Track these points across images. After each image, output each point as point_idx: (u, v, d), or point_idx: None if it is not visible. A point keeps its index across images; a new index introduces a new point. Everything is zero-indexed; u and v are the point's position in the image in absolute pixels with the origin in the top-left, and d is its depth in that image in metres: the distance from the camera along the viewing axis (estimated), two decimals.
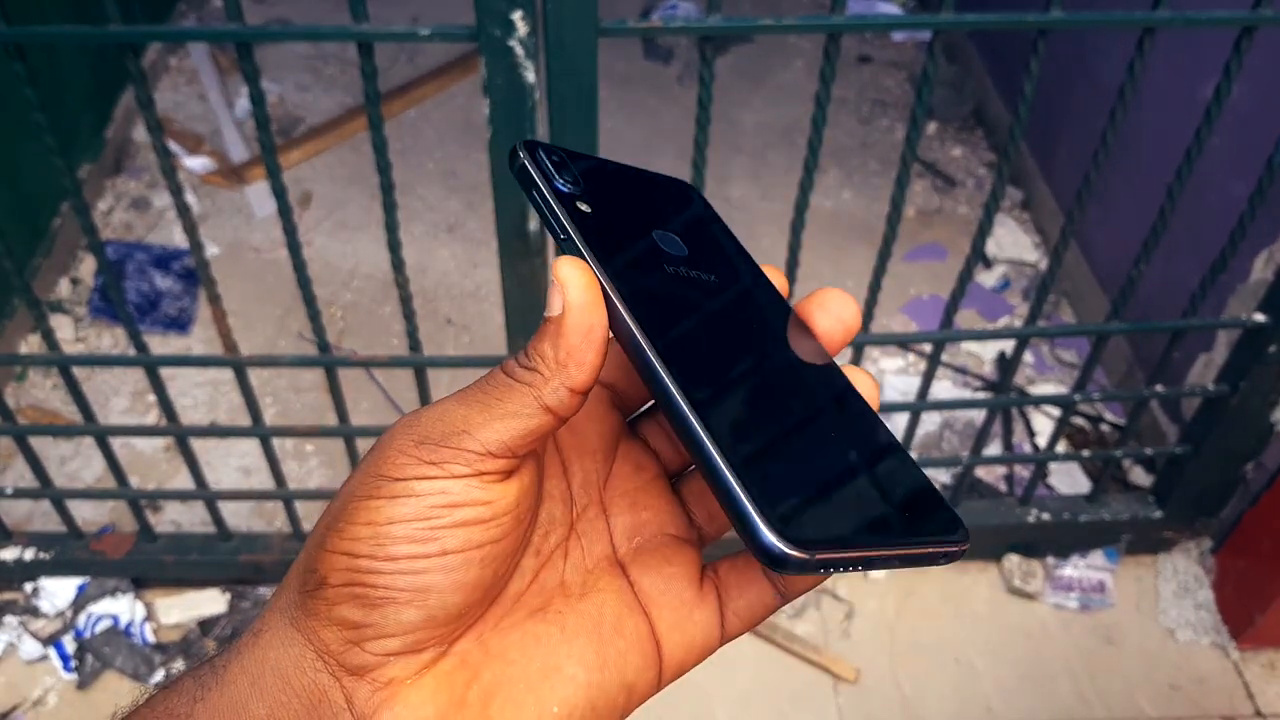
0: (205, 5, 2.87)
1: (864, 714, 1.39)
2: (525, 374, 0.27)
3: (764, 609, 0.31)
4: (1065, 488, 1.67)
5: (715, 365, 0.29)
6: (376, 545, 0.26)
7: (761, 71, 2.70)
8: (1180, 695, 1.42)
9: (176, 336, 1.93)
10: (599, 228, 0.31)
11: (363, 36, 0.85)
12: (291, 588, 0.28)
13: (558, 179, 0.31)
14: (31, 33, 0.87)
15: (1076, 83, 2.02)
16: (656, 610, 0.31)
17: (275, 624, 0.28)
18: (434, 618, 0.27)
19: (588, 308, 0.27)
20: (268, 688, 0.27)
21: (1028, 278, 2.09)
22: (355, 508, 0.27)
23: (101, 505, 1.60)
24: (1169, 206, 1.06)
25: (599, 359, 0.27)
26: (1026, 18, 0.90)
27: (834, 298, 0.32)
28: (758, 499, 0.25)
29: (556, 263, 0.28)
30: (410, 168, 2.32)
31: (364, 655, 0.27)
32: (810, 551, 0.25)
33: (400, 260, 1.05)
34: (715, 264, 0.33)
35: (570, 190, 0.31)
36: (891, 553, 0.27)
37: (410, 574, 0.26)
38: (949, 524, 0.29)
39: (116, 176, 2.26)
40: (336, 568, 0.26)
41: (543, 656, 0.29)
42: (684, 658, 0.31)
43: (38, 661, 1.41)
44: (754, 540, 0.25)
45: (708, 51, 0.89)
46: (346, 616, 0.26)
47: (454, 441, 0.27)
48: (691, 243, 0.33)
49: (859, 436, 0.30)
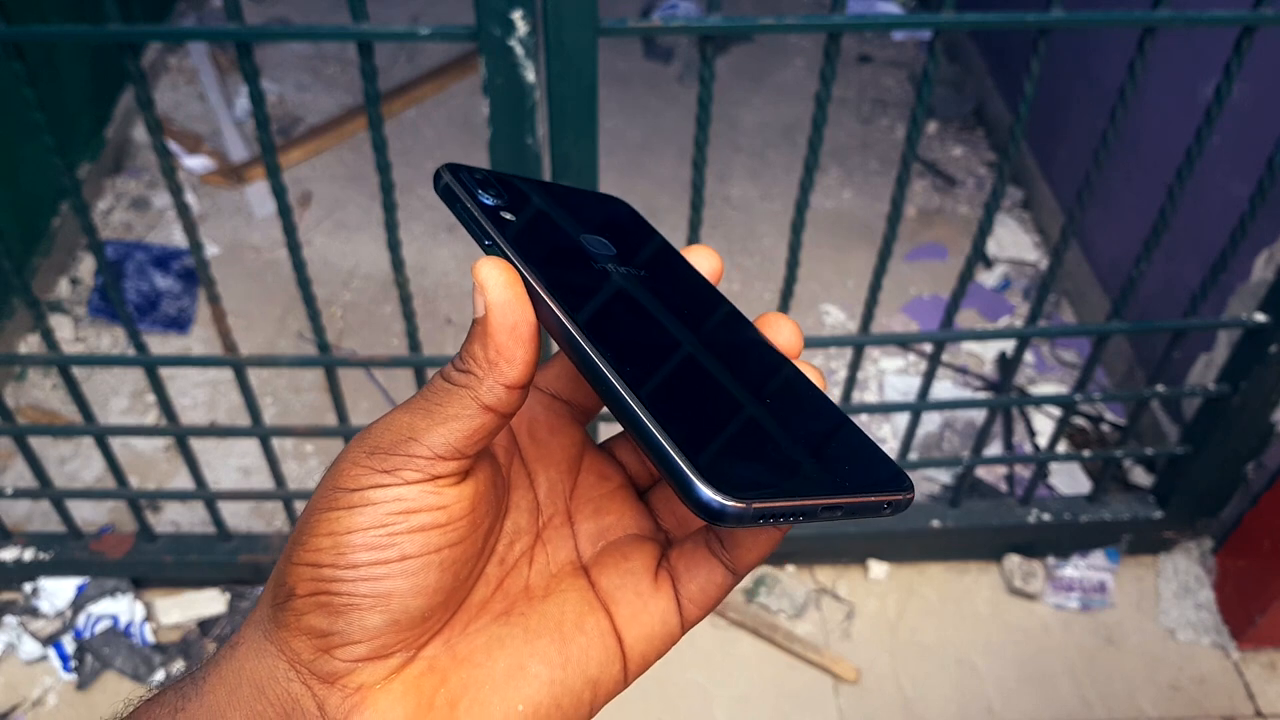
0: (205, 5, 2.87)
1: (864, 714, 1.39)
2: (461, 376, 0.28)
3: (717, 588, 0.31)
4: (1066, 488, 1.67)
5: (644, 342, 0.29)
6: (338, 554, 0.27)
7: (762, 71, 2.70)
8: (1181, 695, 1.42)
9: (176, 336, 1.93)
10: (523, 232, 0.31)
11: (362, 36, 0.85)
12: (265, 602, 0.29)
13: (481, 193, 0.32)
14: (31, 32, 0.86)
15: (1077, 82, 2.02)
16: (615, 605, 0.31)
17: (250, 637, 0.29)
18: (397, 622, 0.27)
19: (509, 305, 0.28)
20: (244, 698, 0.28)
21: (1028, 277, 2.09)
22: (316, 520, 0.28)
23: (101, 505, 1.60)
24: (1170, 206, 1.06)
25: (530, 353, 0.28)
26: (1027, 17, 0.90)
27: (772, 322, 0.33)
28: (691, 455, 0.25)
29: (476, 265, 0.28)
30: (410, 167, 2.32)
31: (333, 663, 0.27)
32: (746, 501, 0.25)
33: (400, 260, 1.05)
34: (644, 260, 0.34)
35: (494, 203, 0.32)
36: (832, 501, 0.27)
37: (372, 580, 0.27)
38: (893, 477, 0.29)
39: (116, 176, 2.25)
40: (303, 579, 0.27)
41: (507, 657, 0.29)
42: (645, 649, 0.31)
43: (37, 662, 1.41)
44: (689, 494, 0.25)
45: (708, 51, 0.89)
46: (314, 625, 0.27)
47: (403, 449, 0.27)
48: (619, 243, 0.34)
49: (795, 400, 0.30)
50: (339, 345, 1.92)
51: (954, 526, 1.47)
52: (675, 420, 0.26)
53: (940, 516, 1.48)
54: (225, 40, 0.87)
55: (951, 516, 1.48)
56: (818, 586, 1.52)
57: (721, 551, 0.31)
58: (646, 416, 0.26)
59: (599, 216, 0.35)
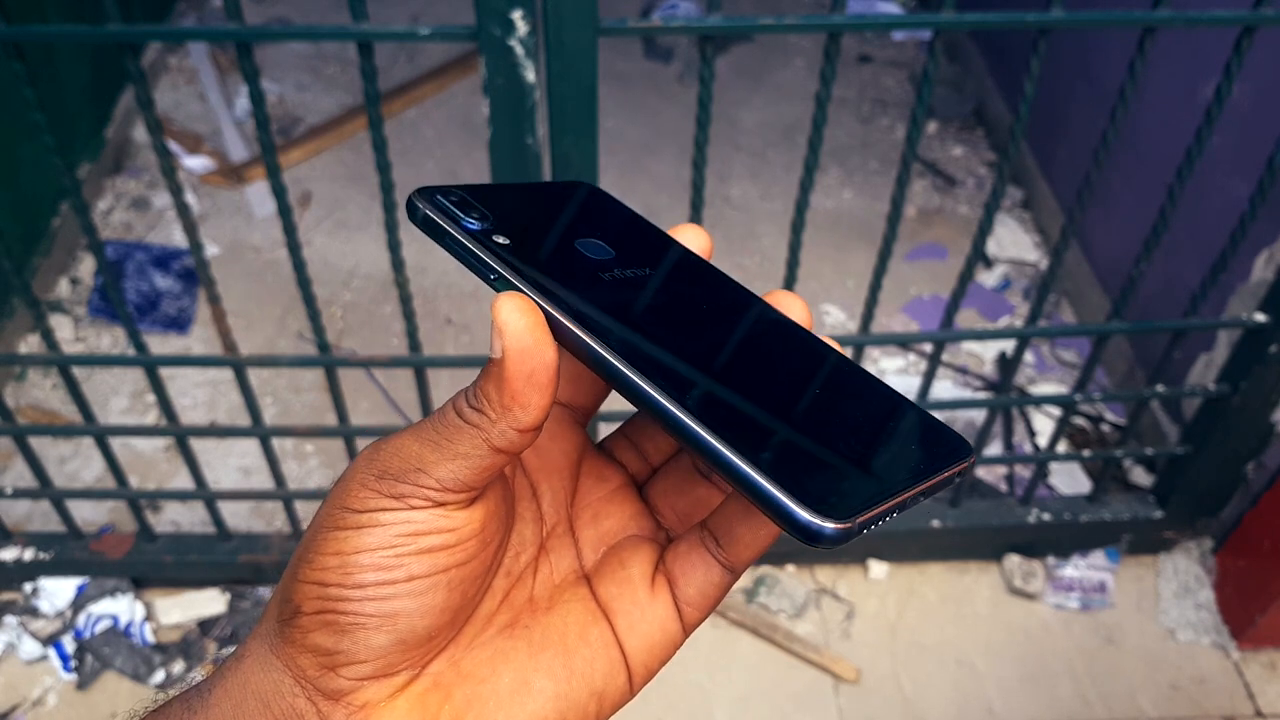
0: (205, 5, 2.87)
1: (865, 714, 1.39)
2: (473, 415, 0.27)
3: (715, 589, 0.31)
4: (1066, 488, 1.67)
5: (690, 360, 0.29)
6: (345, 574, 0.27)
7: (762, 71, 2.70)
8: (1181, 695, 1.42)
9: (176, 336, 1.93)
10: (523, 257, 0.30)
11: (362, 36, 0.85)
12: (271, 616, 0.29)
13: (465, 219, 0.30)
14: (31, 32, 0.87)
15: (1077, 82, 2.02)
16: (614, 615, 0.31)
17: (256, 650, 0.29)
18: (403, 641, 0.27)
19: (528, 352, 0.26)
20: (249, 712, 0.28)
21: (1028, 277, 2.09)
22: (324, 539, 0.27)
23: (101, 505, 1.60)
24: (1170, 206, 1.06)
25: (546, 399, 0.27)
26: (1027, 17, 0.90)
27: (784, 301, 0.32)
28: (784, 482, 0.25)
29: (495, 302, 0.27)
30: (410, 167, 2.32)
31: (338, 680, 0.27)
32: (849, 518, 0.25)
33: (400, 260, 1.05)
34: (642, 257, 0.33)
35: (481, 227, 0.30)
36: (915, 491, 0.27)
37: (378, 600, 0.27)
38: (956, 445, 0.29)
39: (116, 176, 2.25)
40: (309, 596, 0.27)
41: (511, 672, 0.29)
42: (647, 659, 0.31)
43: (37, 662, 1.41)
44: (795, 526, 0.25)
45: (708, 51, 0.89)
46: (320, 644, 0.27)
47: (411, 478, 0.27)
48: (614, 242, 0.33)
49: (844, 386, 0.30)
50: (339, 345, 1.93)
51: (954, 526, 1.47)
52: (754, 446, 0.26)
53: (940, 516, 1.48)
54: (225, 40, 0.87)
55: (951, 516, 1.48)
56: (818, 586, 1.52)
57: (718, 550, 0.31)
58: (730, 451, 0.26)
59: (581, 213, 0.35)
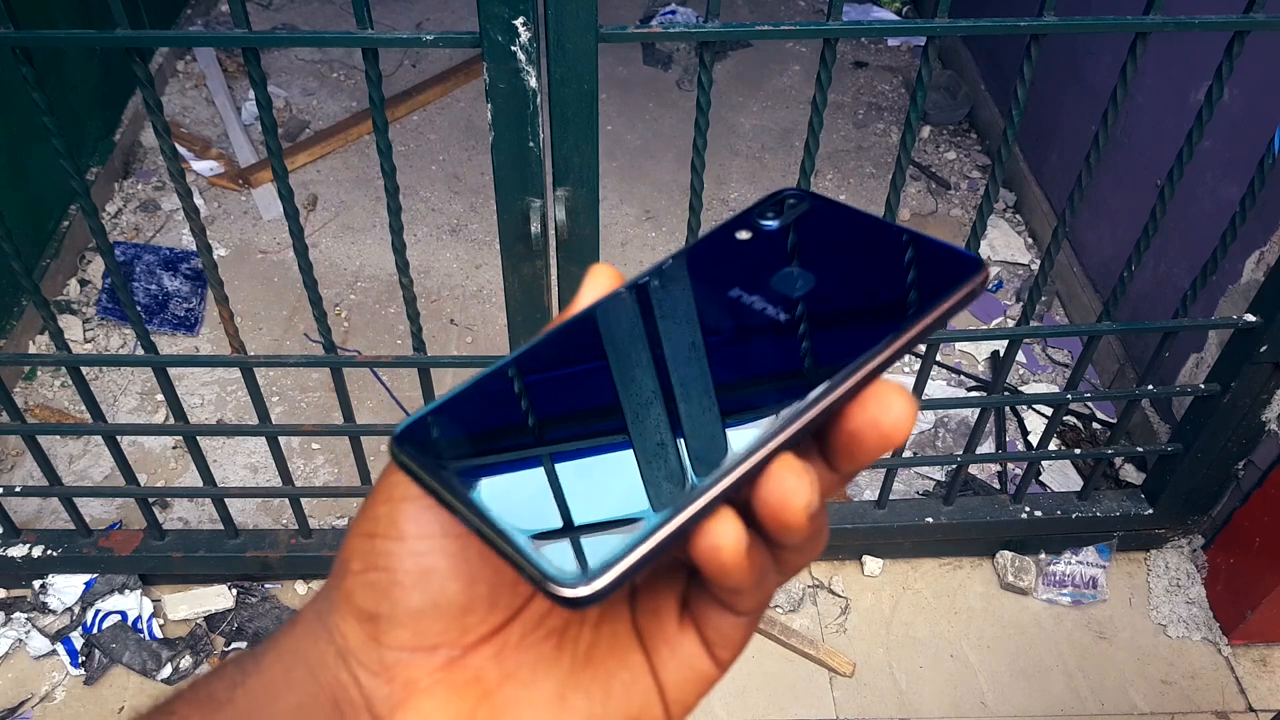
0: (212, 10, 2.89)
1: (860, 707, 1.41)
2: None
3: (734, 630, 0.29)
4: (1057, 485, 1.68)
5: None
6: (390, 523, 0.28)
7: (759, 76, 2.72)
8: (1172, 690, 1.44)
9: (184, 337, 1.95)
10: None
11: (368, 42, 0.87)
12: (328, 584, 0.30)
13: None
14: (39, 37, 0.88)
15: (1069, 87, 2.04)
16: (649, 645, 0.30)
17: (307, 618, 0.30)
18: (438, 605, 0.28)
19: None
20: (297, 679, 0.29)
21: (1020, 278, 2.11)
22: (381, 490, 0.29)
23: (110, 503, 1.62)
24: (1160, 208, 1.08)
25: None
26: (1020, 23, 0.91)
27: (885, 395, 0.26)
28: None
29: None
30: (414, 171, 2.34)
31: (380, 650, 0.28)
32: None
33: (404, 262, 1.07)
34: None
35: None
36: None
37: (415, 555, 0.28)
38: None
39: (125, 179, 2.28)
40: (358, 551, 0.28)
41: (552, 684, 0.29)
42: (682, 694, 0.29)
43: (46, 657, 1.43)
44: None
45: (706, 57, 0.91)
46: (362, 605, 0.28)
47: None
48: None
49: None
50: (344, 345, 1.94)
51: (947, 523, 1.49)
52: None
53: (934, 513, 1.49)
54: (233, 46, 0.89)
55: (945, 513, 1.49)
56: (814, 582, 1.54)
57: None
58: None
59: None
